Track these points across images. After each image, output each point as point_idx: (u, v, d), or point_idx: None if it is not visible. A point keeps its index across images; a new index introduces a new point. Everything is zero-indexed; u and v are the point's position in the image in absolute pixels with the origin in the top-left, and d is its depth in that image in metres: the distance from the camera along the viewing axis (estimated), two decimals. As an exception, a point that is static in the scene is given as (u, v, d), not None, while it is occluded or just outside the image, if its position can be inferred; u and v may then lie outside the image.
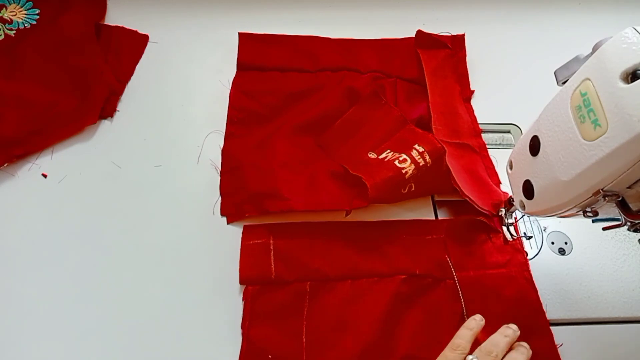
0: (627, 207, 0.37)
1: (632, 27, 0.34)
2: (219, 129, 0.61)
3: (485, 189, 0.56)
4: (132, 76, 0.65)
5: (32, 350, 0.47)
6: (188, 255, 0.52)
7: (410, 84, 0.65)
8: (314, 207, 0.53)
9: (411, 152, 0.54)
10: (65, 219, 0.54)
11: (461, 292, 0.50)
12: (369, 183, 0.51)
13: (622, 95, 0.32)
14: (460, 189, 0.53)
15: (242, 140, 0.59)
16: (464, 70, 0.67)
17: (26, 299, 0.49)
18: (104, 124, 0.61)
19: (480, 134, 0.61)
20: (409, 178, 0.52)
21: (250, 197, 0.54)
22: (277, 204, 0.53)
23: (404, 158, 0.53)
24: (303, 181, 0.56)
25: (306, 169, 0.57)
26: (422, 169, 0.53)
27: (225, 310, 0.49)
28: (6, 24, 0.66)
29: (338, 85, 0.64)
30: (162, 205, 0.55)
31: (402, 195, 0.55)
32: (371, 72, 0.65)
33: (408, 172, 0.52)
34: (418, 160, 0.53)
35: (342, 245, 0.53)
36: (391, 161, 0.54)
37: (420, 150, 0.53)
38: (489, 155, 0.60)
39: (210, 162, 0.58)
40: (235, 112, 0.62)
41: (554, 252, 0.54)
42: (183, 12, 0.71)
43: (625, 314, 0.50)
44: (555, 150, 0.39)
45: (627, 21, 0.53)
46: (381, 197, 0.52)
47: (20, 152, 0.57)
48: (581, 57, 0.40)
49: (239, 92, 0.63)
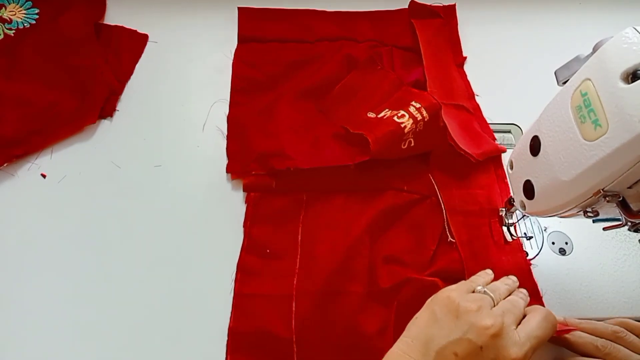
0: (627, 207, 0.37)
1: (632, 27, 0.34)
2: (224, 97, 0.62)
3: (481, 141, 0.59)
4: (132, 76, 0.65)
5: (31, 350, 0.47)
6: (188, 256, 0.52)
7: (406, 51, 0.68)
8: (319, 164, 0.56)
9: (408, 108, 0.56)
10: (65, 219, 0.54)
11: (444, 206, 0.55)
12: (370, 138, 0.54)
13: (623, 95, 0.32)
14: (456, 143, 0.56)
15: (246, 107, 0.62)
16: (456, 37, 0.70)
17: (25, 298, 0.49)
18: (103, 124, 0.61)
19: (473, 96, 0.64)
20: (407, 132, 0.55)
21: (256, 157, 0.57)
22: (283, 162, 0.56)
23: (402, 114, 0.56)
24: (307, 142, 0.59)
25: (309, 131, 0.60)
26: (420, 124, 0.55)
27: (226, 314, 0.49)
28: (5, 24, 0.66)
29: (336, 54, 0.66)
30: (161, 205, 0.55)
31: (402, 151, 0.56)
32: (368, 40, 0.68)
33: (407, 126, 0.54)
34: (415, 115, 0.55)
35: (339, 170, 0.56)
36: (390, 117, 0.56)
37: (417, 106, 0.56)
38: (484, 117, 0.63)
39: (217, 128, 0.61)
40: (239, 82, 0.64)
41: (554, 252, 0.54)
42: (183, 11, 0.71)
43: (625, 314, 0.50)
44: (555, 150, 0.39)
45: (627, 21, 0.53)
46: (382, 152, 0.54)
47: (20, 152, 0.57)
48: (581, 57, 0.40)
49: (241, 62, 0.66)
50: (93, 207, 0.55)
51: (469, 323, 0.39)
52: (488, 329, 0.38)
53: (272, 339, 0.47)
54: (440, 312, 0.40)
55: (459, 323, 0.39)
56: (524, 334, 0.39)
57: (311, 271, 0.51)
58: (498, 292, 0.43)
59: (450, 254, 0.52)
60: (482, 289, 0.43)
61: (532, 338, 0.39)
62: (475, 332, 0.38)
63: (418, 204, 0.56)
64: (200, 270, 0.52)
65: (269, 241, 0.53)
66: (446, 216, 0.54)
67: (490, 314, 0.39)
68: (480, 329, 0.38)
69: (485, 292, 0.42)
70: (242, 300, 0.49)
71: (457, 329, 0.39)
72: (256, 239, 0.53)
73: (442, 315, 0.40)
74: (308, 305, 0.49)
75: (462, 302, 0.40)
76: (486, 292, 0.42)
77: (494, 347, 0.38)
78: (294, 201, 0.55)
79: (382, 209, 0.54)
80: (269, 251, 0.52)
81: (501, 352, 0.38)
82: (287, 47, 0.67)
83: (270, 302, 0.49)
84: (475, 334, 0.38)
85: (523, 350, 0.38)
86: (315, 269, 0.51)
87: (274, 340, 0.47)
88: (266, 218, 0.54)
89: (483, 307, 0.40)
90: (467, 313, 0.39)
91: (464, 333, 0.38)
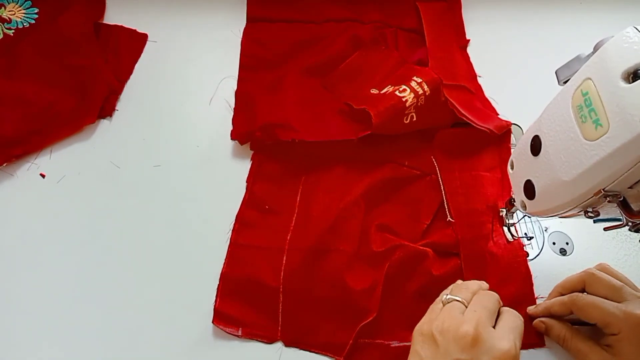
0: (628, 207, 0.37)
1: (633, 26, 0.34)
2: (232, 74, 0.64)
3: (484, 115, 0.60)
4: (131, 75, 0.64)
5: (31, 349, 0.47)
6: (188, 256, 0.52)
7: (410, 33, 0.69)
8: (323, 137, 0.57)
9: (410, 82, 0.57)
10: (64, 219, 0.54)
11: (443, 187, 0.56)
12: (373, 112, 0.55)
13: (624, 94, 0.32)
14: (458, 110, 0.57)
15: (254, 83, 0.64)
16: (460, 20, 0.71)
17: (25, 298, 0.49)
18: (103, 124, 0.61)
19: (476, 77, 0.65)
20: (409, 106, 0.56)
21: (261, 126, 0.58)
22: (288, 133, 0.57)
23: (403, 88, 0.57)
24: (312, 116, 0.60)
25: (314, 107, 0.62)
26: (421, 98, 0.56)
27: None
28: (5, 23, 0.66)
29: (342, 34, 0.68)
30: (161, 205, 0.55)
31: (404, 126, 0.57)
32: (373, 22, 0.69)
33: (408, 100, 0.56)
34: (417, 89, 0.57)
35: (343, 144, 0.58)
36: (392, 92, 0.58)
37: (418, 81, 0.57)
38: (486, 97, 0.63)
39: (225, 100, 0.62)
40: (247, 59, 0.66)
41: (555, 253, 0.54)
42: (182, 10, 0.71)
43: (626, 315, 0.50)
44: (556, 150, 0.39)
45: (628, 20, 0.53)
46: (385, 125, 0.56)
47: (19, 152, 0.57)
48: (582, 56, 0.40)
49: (249, 40, 0.68)
50: (92, 207, 0.55)
51: (447, 341, 0.38)
52: (465, 337, 0.37)
53: (260, 287, 0.50)
54: (421, 348, 0.39)
55: (440, 348, 0.38)
56: (504, 327, 0.39)
57: (305, 229, 0.53)
58: (465, 290, 0.42)
59: (443, 230, 0.53)
60: (448, 296, 0.42)
61: (513, 329, 0.39)
62: (457, 347, 0.37)
63: (417, 180, 0.57)
64: (200, 270, 0.51)
65: (269, 198, 0.55)
66: (445, 196, 0.55)
67: (462, 321, 0.39)
68: (459, 341, 0.37)
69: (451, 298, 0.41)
70: (237, 249, 0.52)
71: (441, 355, 0.38)
72: (257, 194, 0.56)
73: (424, 352, 0.39)
74: (298, 259, 0.51)
75: (432, 327, 0.39)
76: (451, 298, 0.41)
77: (482, 352, 0.37)
78: (296, 166, 0.57)
79: (381, 180, 0.56)
80: (268, 207, 0.55)
81: (491, 352, 0.37)
82: (294, 27, 0.69)
83: (262, 253, 0.52)
84: (458, 350, 0.37)
85: (510, 340, 0.38)
86: (309, 227, 0.53)
87: (262, 288, 0.50)
88: (269, 177, 0.57)
89: (452, 316, 0.39)
90: (441, 334, 0.39)
91: (450, 354, 0.37)
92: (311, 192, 0.56)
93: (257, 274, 0.50)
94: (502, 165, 0.58)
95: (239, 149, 0.59)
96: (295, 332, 0.48)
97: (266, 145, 0.58)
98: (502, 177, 0.57)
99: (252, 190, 0.56)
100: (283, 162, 0.58)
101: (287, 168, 0.57)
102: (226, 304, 0.49)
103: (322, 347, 0.48)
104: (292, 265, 0.51)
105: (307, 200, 0.55)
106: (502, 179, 0.57)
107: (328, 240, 0.52)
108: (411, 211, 0.55)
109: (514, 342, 0.38)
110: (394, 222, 0.54)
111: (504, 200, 0.54)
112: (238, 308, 0.49)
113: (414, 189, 0.56)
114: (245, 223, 0.54)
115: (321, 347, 0.48)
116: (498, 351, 0.37)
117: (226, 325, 0.48)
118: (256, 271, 0.51)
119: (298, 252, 0.52)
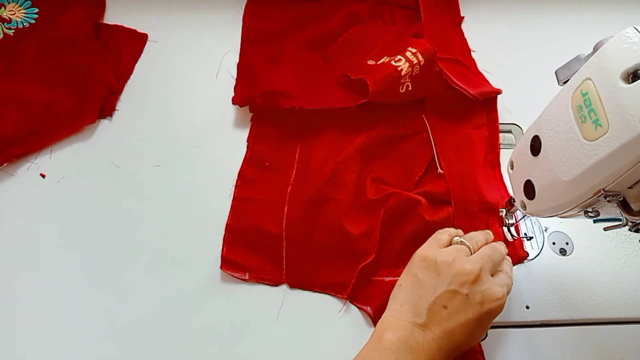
0: (628, 207, 0.37)
1: (633, 26, 0.34)
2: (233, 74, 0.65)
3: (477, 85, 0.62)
4: (132, 75, 0.64)
5: (31, 349, 0.47)
6: (188, 256, 0.52)
7: (407, 10, 0.72)
8: (322, 105, 0.60)
9: (405, 53, 0.60)
10: (64, 219, 0.54)
11: (433, 141, 0.59)
12: (370, 80, 0.58)
13: (623, 95, 0.32)
14: (452, 80, 0.60)
15: (255, 55, 0.66)
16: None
17: (24, 298, 0.49)
18: (103, 124, 0.60)
19: (470, 52, 0.68)
20: (404, 75, 0.58)
21: (262, 93, 0.60)
22: (288, 101, 0.59)
23: (399, 58, 0.59)
24: (311, 86, 0.63)
25: (314, 78, 0.64)
26: (416, 67, 0.59)
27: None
28: (5, 23, 0.66)
29: (341, 10, 0.70)
30: (161, 205, 0.55)
31: (400, 95, 0.60)
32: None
33: (403, 69, 0.58)
34: (412, 59, 0.59)
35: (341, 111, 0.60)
36: (388, 62, 0.60)
37: (413, 51, 0.60)
38: (479, 70, 0.66)
39: (227, 71, 0.65)
40: (249, 33, 0.68)
41: (555, 253, 0.54)
42: (182, 10, 0.71)
43: (626, 315, 0.50)
44: (556, 150, 0.39)
45: (628, 21, 0.53)
46: (381, 93, 0.58)
47: (19, 152, 0.57)
48: (582, 56, 0.40)
49: (250, 17, 0.70)
50: (92, 207, 0.55)
51: (450, 275, 0.42)
52: (468, 274, 0.41)
53: (264, 235, 0.53)
54: (421, 273, 0.43)
55: (441, 277, 0.42)
56: (500, 280, 0.43)
57: (304, 182, 0.56)
58: (474, 241, 0.46)
59: (435, 181, 0.57)
60: (459, 239, 0.45)
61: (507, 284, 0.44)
62: (457, 281, 0.41)
63: (409, 138, 0.60)
64: (200, 271, 0.52)
65: (268, 156, 0.58)
66: (436, 151, 0.58)
67: (468, 261, 0.42)
68: (462, 277, 0.41)
69: (462, 242, 0.45)
70: (240, 203, 0.55)
71: (440, 284, 0.41)
72: (257, 153, 0.59)
73: (423, 275, 0.43)
74: (299, 209, 0.55)
75: (438, 257, 0.43)
76: (463, 242, 0.45)
77: (478, 291, 0.41)
78: (295, 129, 0.60)
79: (375, 138, 0.59)
80: (268, 164, 0.58)
81: (486, 294, 0.41)
82: (294, 4, 0.71)
83: (264, 205, 0.55)
84: (457, 283, 0.41)
85: (503, 290, 0.42)
86: (308, 180, 0.57)
87: (265, 236, 0.53)
88: (268, 137, 0.60)
89: (459, 257, 0.43)
90: (446, 266, 0.42)
91: (448, 285, 0.41)
92: (309, 150, 0.59)
93: (261, 224, 0.54)
94: (489, 124, 0.62)
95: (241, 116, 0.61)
96: (299, 275, 0.52)
97: (266, 111, 0.60)
98: (489, 135, 0.61)
99: (252, 149, 0.59)
100: (282, 126, 0.60)
101: (286, 131, 0.60)
102: (232, 251, 0.52)
103: (324, 287, 0.51)
104: (293, 214, 0.54)
105: (305, 158, 0.58)
106: (489, 136, 0.61)
107: (326, 191, 0.55)
108: (404, 165, 0.58)
109: (504, 294, 0.42)
110: (388, 175, 0.57)
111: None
112: (244, 255, 0.52)
113: (406, 146, 0.60)
114: (246, 179, 0.57)
115: (324, 287, 0.51)
116: (492, 294, 0.41)
117: (233, 271, 0.51)
118: (259, 221, 0.54)
119: (298, 202, 0.55)
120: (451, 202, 0.55)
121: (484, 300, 0.41)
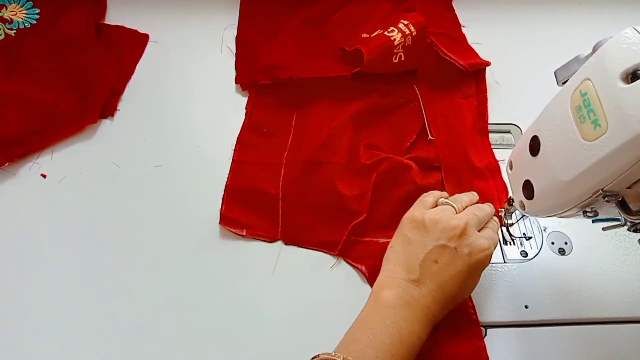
0: (627, 207, 0.37)
1: (632, 27, 0.34)
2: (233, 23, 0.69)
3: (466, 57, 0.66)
4: (133, 75, 0.65)
5: (31, 349, 0.47)
6: (188, 256, 0.52)
7: None
8: (319, 74, 0.63)
9: (398, 24, 0.63)
10: (65, 219, 0.54)
11: (424, 110, 0.62)
12: (364, 48, 0.61)
13: (622, 95, 0.32)
14: (442, 51, 0.64)
15: (253, 30, 0.69)
16: None
17: (25, 298, 0.49)
18: (104, 124, 0.61)
19: (460, 27, 0.72)
20: (397, 45, 0.61)
21: (262, 69, 0.63)
22: (286, 72, 0.63)
23: (392, 29, 0.63)
24: (308, 58, 0.66)
25: (310, 50, 0.67)
26: (408, 38, 0.62)
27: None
28: (6, 24, 0.66)
29: None
30: (162, 205, 0.55)
31: (393, 65, 0.63)
32: None
33: (396, 39, 0.61)
34: (404, 29, 0.62)
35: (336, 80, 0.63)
36: (381, 33, 0.63)
37: (405, 23, 0.63)
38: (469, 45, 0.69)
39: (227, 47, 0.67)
40: (247, 9, 0.71)
41: (554, 253, 0.54)
42: (183, 11, 0.71)
43: (625, 314, 0.50)
44: (555, 150, 0.39)
45: (627, 21, 0.53)
46: (375, 62, 0.61)
47: (21, 152, 0.57)
48: (581, 57, 0.40)
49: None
50: (93, 207, 0.55)
51: (438, 231, 0.44)
52: (455, 229, 0.44)
53: (261, 195, 0.56)
54: (411, 233, 0.45)
55: (429, 234, 0.44)
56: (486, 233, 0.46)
57: (300, 146, 0.59)
58: (460, 202, 0.48)
59: (425, 147, 0.60)
60: (444, 200, 0.48)
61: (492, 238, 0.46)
62: (445, 236, 0.44)
63: (401, 107, 0.63)
64: (200, 271, 0.52)
65: (266, 122, 0.61)
66: (426, 119, 0.61)
67: (454, 217, 0.45)
68: (449, 231, 0.44)
69: (448, 202, 0.47)
70: (238, 165, 0.58)
71: (429, 240, 0.44)
72: (255, 119, 0.61)
73: (412, 235, 0.45)
74: (295, 170, 0.57)
75: (425, 216, 0.45)
76: (448, 202, 0.47)
77: (466, 244, 0.43)
78: (292, 95, 0.63)
79: (368, 106, 0.62)
80: (266, 130, 0.61)
81: (473, 246, 0.44)
82: None
83: (262, 167, 0.58)
84: (446, 238, 0.44)
85: (489, 242, 0.45)
86: (304, 144, 0.59)
87: (262, 195, 0.56)
88: (266, 105, 0.63)
89: (445, 215, 0.45)
90: (433, 224, 0.45)
91: (437, 240, 0.44)
92: (305, 117, 0.62)
93: (258, 184, 0.56)
94: (478, 94, 0.65)
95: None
96: (293, 232, 0.54)
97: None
98: (477, 104, 0.64)
99: (250, 115, 0.62)
100: (280, 94, 0.63)
101: (283, 99, 0.63)
102: (231, 209, 0.54)
103: (317, 244, 0.54)
104: (289, 175, 0.57)
105: (301, 124, 0.61)
106: (478, 105, 0.64)
107: (321, 154, 0.58)
108: (396, 132, 0.61)
109: (490, 245, 0.45)
110: (380, 141, 0.60)
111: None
112: (242, 213, 0.55)
113: (398, 114, 0.63)
114: (245, 144, 0.60)
115: (317, 244, 0.54)
116: (479, 246, 0.44)
117: (231, 227, 0.54)
118: (257, 182, 0.56)
119: (294, 165, 0.58)
120: (440, 167, 0.58)
121: (472, 252, 0.43)
